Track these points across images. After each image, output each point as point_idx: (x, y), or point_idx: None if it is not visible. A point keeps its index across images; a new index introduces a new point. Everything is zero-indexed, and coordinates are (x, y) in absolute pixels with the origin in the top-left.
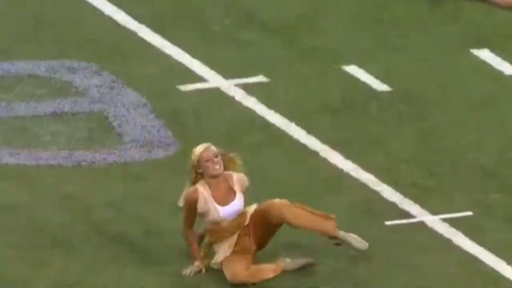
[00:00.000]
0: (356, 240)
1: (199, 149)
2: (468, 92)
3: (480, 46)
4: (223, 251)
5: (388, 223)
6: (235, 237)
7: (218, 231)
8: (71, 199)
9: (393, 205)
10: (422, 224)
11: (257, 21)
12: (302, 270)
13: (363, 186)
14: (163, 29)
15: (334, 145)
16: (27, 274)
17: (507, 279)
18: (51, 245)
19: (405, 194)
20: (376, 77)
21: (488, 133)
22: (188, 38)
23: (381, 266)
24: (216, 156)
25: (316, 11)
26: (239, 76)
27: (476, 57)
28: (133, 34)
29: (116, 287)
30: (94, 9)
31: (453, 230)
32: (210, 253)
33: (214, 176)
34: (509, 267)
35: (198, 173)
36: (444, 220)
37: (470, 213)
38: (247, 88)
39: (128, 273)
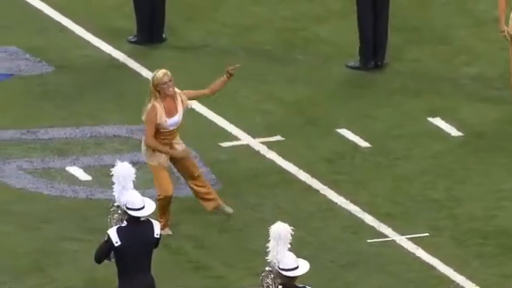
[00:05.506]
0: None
1: (159, 74)
2: (426, 148)
3: (434, 115)
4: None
5: (369, 241)
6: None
7: (161, 138)
8: None
9: (372, 228)
10: (393, 242)
11: (276, 97)
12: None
13: (351, 214)
14: (208, 104)
15: (330, 185)
16: (112, 278)
17: (453, 281)
18: None
19: (381, 220)
20: (360, 137)
21: (439, 176)
22: (226, 110)
23: (364, 272)
24: (170, 81)
25: (318, 91)
26: (263, 136)
27: (431, 123)
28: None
29: (176, 286)
30: None
31: (415, 246)
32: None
33: (168, 96)
34: (455, 273)
35: (157, 91)
36: (409, 239)
37: (427, 234)
38: (268, 144)
39: (186, 276)
